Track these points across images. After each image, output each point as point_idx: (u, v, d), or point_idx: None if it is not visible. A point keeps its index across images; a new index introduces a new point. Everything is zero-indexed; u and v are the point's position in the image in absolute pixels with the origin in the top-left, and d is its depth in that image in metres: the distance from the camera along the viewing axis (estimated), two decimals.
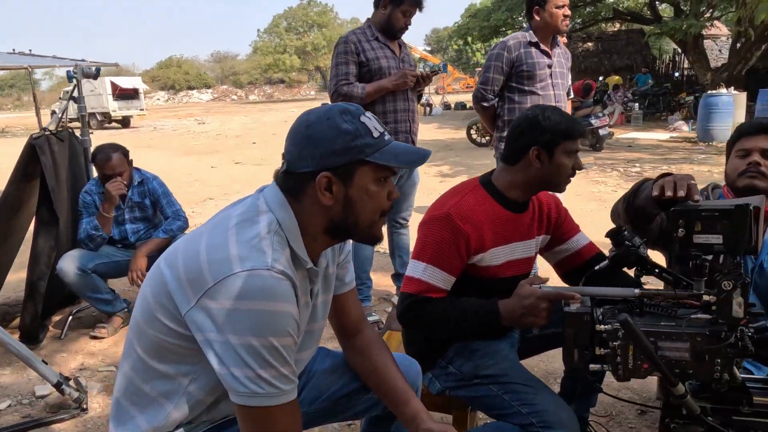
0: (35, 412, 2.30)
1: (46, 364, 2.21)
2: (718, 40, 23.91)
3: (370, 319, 2.95)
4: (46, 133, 2.86)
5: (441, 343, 1.70)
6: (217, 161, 10.46)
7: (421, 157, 1.12)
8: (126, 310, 3.11)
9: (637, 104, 14.40)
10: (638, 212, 1.66)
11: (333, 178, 1.05)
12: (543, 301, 1.48)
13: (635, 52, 19.50)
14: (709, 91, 10.70)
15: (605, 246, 1.68)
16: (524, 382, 1.54)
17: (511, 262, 1.68)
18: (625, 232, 1.56)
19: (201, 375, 1.08)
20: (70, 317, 3.12)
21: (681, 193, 1.37)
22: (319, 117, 1.07)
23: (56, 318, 3.21)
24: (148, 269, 2.96)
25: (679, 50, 18.27)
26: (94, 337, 2.97)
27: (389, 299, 3.36)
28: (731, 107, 9.87)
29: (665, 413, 1.97)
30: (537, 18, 2.86)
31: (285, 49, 47.92)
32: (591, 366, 1.42)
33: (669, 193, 1.39)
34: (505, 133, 2.94)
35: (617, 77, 17.28)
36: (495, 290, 1.67)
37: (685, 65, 18.57)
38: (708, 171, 7.34)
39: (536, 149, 1.60)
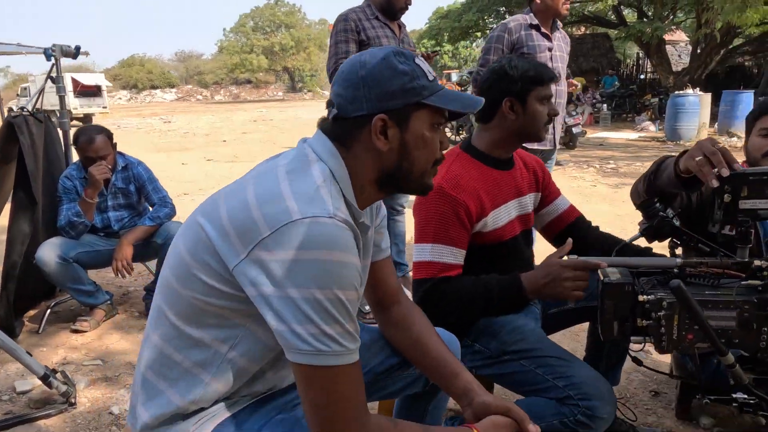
0: (17, 408, 2.13)
1: (31, 355, 2.05)
2: (678, 46, 24.75)
3: (367, 307, 2.86)
4: (24, 113, 2.68)
5: (463, 322, 1.63)
6: (188, 158, 10.18)
7: (476, 102, 1.07)
8: (109, 302, 2.94)
9: (605, 105, 14.68)
10: (659, 192, 1.62)
11: (389, 122, 0.98)
12: (566, 269, 1.40)
13: (601, 55, 19.92)
14: (676, 92, 10.98)
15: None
16: (557, 355, 1.49)
17: (512, 221, 1.65)
18: (657, 204, 1.53)
19: (243, 340, 0.98)
20: (48, 311, 2.93)
21: (725, 172, 1.25)
22: (373, 57, 0.99)
23: (32, 313, 3.01)
24: (134, 259, 2.81)
25: (642, 54, 18.79)
26: (76, 331, 2.79)
27: None
28: (697, 107, 10.15)
29: (687, 388, 1.96)
30: (537, 1, 2.83)
31: (252, 49, 47.26)
32: (633, 338, 1.38)
33: (713, 182, 1.26)
34: None
35: (580, 79, 17.57)
36: (503, 255, 1.63)
37: (649, 68, 19.10)
38: None
39: (509, 100, 1.58)
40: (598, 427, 1.38)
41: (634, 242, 1.61)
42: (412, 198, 1.61)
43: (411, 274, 3.17)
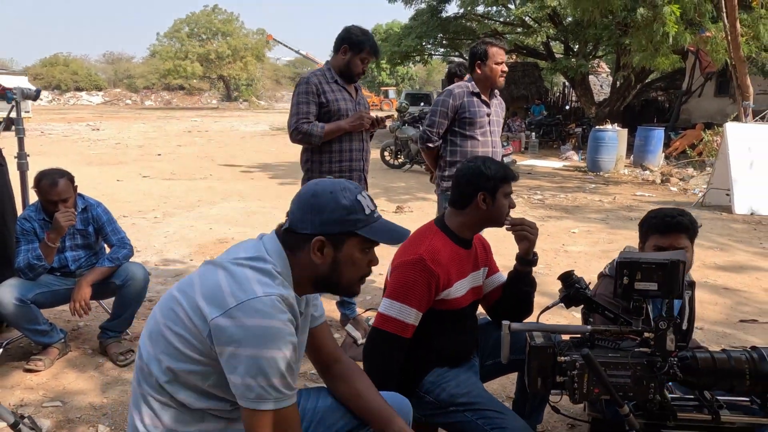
0: None
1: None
2: (600, 77, 26.52)
3: None
4: None
5: (414, 375, 1.90)
6: (123, 174, 9.95)
7: (402, 236, 1.38)
8: (63, 340, 2.99)
9: (533, 133, 15.57)
10: None
11: (326, 242, 1.28)
12: None
13: (530, 84, 21.04)
14: (597, 127, 11.87)
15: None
16: (495, 408, 1.79)
17: (468, 292, 1.97)
18: (574, 276, 1.86)
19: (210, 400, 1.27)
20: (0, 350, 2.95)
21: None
22: (324, 189, 1.30)
23: None
24: (91, 298, 2.89)
25: (568, 84, 20.06)
26: (29, 371, 2.82)
27: (333, 325, 3.50)
28: (615, 141, 11.04)
29: (597, 424, 2.31)
30: (478, 71, 3.18)
31: (186, 56, 46.14)
32: (552, 391, 1.69)
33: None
34: (446, 173, 3.22)
35: None
36: (456, 319, 1.93)
37: (573, 98, 20.40)
38: (599, 200, 8.18)
39: (482, 194, 1.92)
40: None
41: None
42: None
43: (361, 314, 3.41)
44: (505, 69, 3.20)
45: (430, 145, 3.23)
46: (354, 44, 2.93)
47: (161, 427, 1.25)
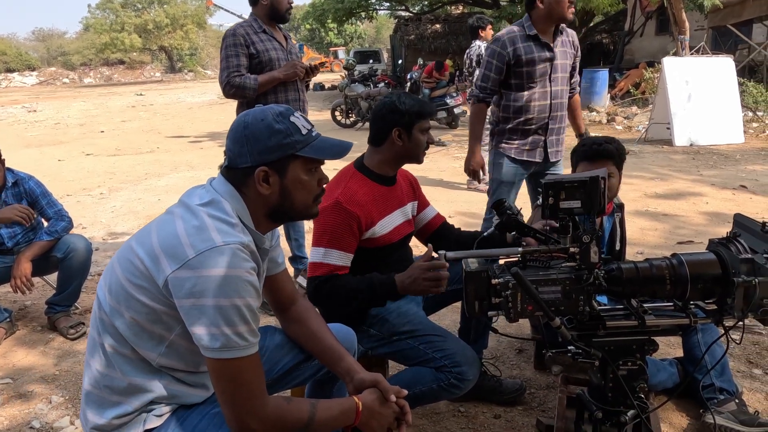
0: None
1: None
2: None
3: None
4: None
5: (358, 312, 1.94)
6: (64, 153, 9.57)
7: (344, 149, 1.34)
8: (8, 319, 2.92)
9: None
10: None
11: (270, 171, 1.25)
12: (424, 271, 1.73)
13: None
14: None
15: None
16: (434, 332, 1.85)
17: (396, 227, 1.99)
18: (505, 203, 1.92)
19: (174, 351, 1.23)
20: None
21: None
22: (255, 118, 1.25)
23: None
24: (33, 274, 2.82)
25: None
26: None
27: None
28: None
29: (541, 345, 2.42)
30: (540, 5, 2.62)
31: (123, 27, 43.92)
32: (489, 312, 1.76)
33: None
34: (497, 128, 2.91)
35: (449, 61, 18.20)
36: (388, 255, 1.96)
37: None
38: None
39: (397, 130, 1.92)
40: (465, 387, 1.78)
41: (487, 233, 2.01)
42: None
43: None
44: None
45: (483, 104, 2.82)
46: None
47: (119, 376, 1.23)
